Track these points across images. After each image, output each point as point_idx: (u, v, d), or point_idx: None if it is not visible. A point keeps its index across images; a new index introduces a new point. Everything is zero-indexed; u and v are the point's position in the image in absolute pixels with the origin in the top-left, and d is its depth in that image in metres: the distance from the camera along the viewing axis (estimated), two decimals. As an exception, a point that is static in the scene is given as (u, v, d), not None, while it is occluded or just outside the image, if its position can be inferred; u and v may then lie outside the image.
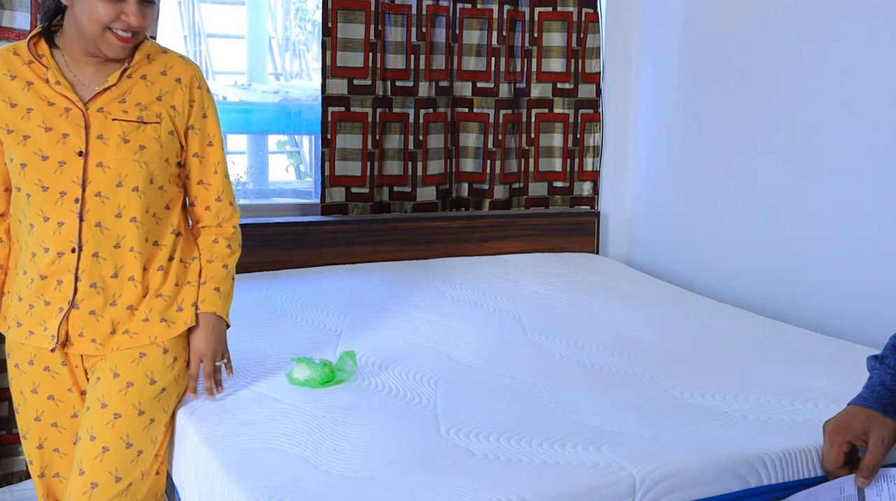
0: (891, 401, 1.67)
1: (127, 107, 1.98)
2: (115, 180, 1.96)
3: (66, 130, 1.94)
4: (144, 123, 1.99)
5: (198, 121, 2.07)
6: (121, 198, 1.97)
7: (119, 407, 1.96)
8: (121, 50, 1.94)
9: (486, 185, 3.57)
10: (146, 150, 1.98)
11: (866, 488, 1.60)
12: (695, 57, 3.42)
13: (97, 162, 1.94)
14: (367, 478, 1.68)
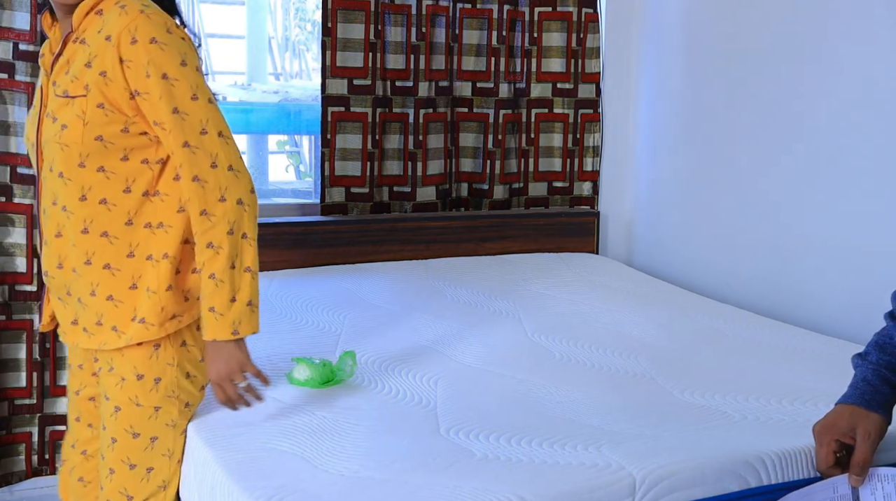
0: (874, 396, 1.68)
1: (66, 79, 1.75)
2: (48, 164, 1.78)
3: (36, 107, 1.84)
4: (70, 97, 1.72)
5: (141, 84, 1.70)
6: (52, 184, 1.78)
7: (114, 431, 1.90)
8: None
9: (485, 185, 3.57)
10: (67, 130, 1.72)
11: (860, 487, 1.60)
12: (695, 57, 3.42)
13: (43, 142, 1.79)
14: (367, 478, 1.68)
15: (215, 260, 1.76)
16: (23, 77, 2.84)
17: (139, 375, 1.87)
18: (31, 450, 3.02)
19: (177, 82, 1.72)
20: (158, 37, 1.70)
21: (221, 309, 1.77)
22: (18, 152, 2.88)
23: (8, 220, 2.90)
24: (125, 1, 1.72)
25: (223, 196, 1.75)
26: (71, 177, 1.75)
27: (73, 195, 1.77)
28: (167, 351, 1.87)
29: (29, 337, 2.97)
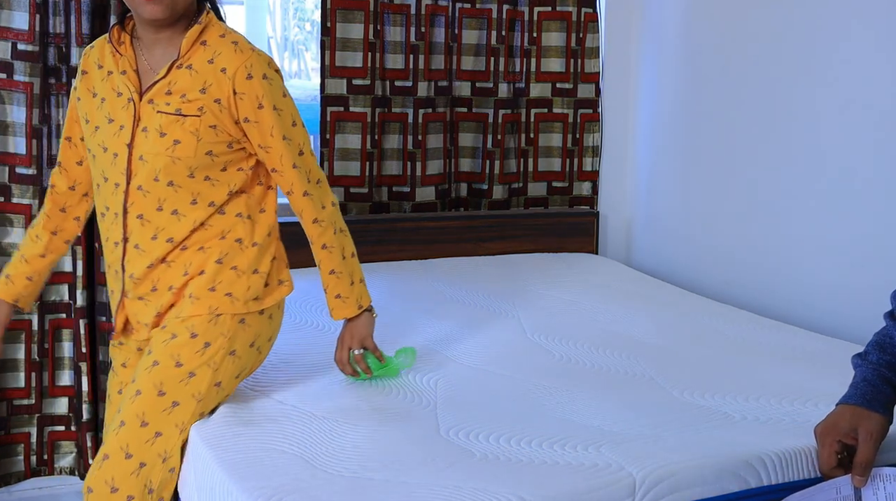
0: (875, 396, 1.68)
1: (171, 98, 1.92)
2: (152, 174, 1.93)
3: (123, 121, 1.95)
4: (183, 116, 1.91)
5: (252, 113, 1.95)
6: (159, 192, 1.94)
7: (142, 384, 1.92)
8: (153, 9, 1.86)
9: (485, 185, 3.57)
10: (180, 145, 1.91)
11: (863, 488, 1.60)
12: (694, 57, 3.42)
13: (139, 154, 1.94)
14: (367, 478, 1.68)
15: (331, 258, 2.09)
16: (22, 77, 2.84)
17: (193, 333, 1.95)
18: (30, 451, 3.02)
19: (282, 112, 1.98)
20: (267, 73, 1.96)
21: (346, 293, 2.12)
22: (17, 152, 2.88)
23: (7, 220, 2.90)
24: (230, 35, 1.97)
25: (324, 204, 2.06)
26: (182, 184, 1.94)
27: (185, 200, 1.96)
28: (225, 322, 1.98)
29: (28, 338, 2.96)
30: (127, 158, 1.94)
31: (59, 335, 3.01)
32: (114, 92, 1.98)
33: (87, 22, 2.88)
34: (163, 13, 1.89)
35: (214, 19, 1.98)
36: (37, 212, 2.89)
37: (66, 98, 2.90)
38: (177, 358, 1.93)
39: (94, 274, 2.97)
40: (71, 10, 2.86)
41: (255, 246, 2.02)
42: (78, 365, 2.98)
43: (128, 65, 1.96)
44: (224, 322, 1.97)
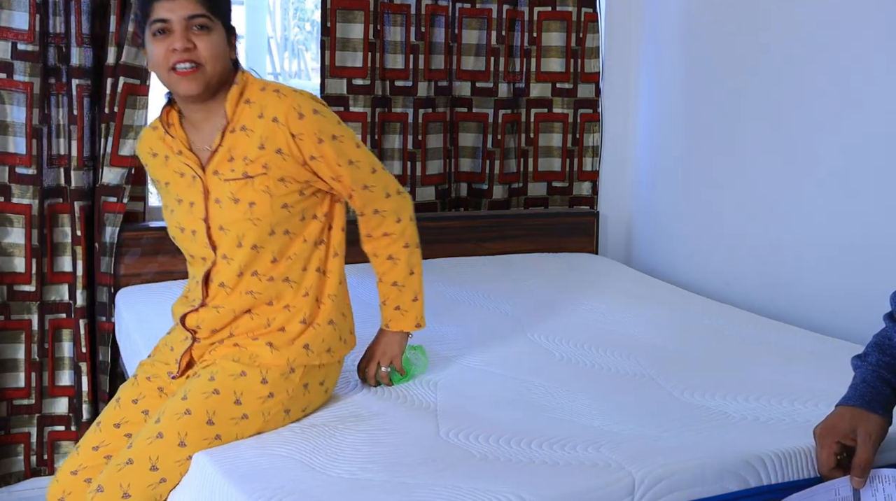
0: (874, 397, 1.68)
1: (235, 164, 1.94)
2: (235, 241, 1.95)
3: (193, 198, 1.98)
4: (250, 177, 1.93)
5: (315, 150, 1.94)
6: (242, 257, 1.96)
7: (194, 405, 1.88)
8: (187, 84, 1.89)
9: (485, 185, 3.56)
10: (256, 206, 1.93)
11: (861, 489, 1.60)
12: (694, 57, 3.42)
13: (218, 225, 1.96)
14: (366, 480, 1.68)
15: (396, 270, 2.11)
16: (21, 77, 2.83)
17: (264, 379, 1.94)
18: (30, 451, 3.02)
19: (342, 138, 1.98)
20: (316, 108, 1.96)
21: (406, 306, 2.14)
22: (17, 152, 2.88)
23: (6, 220, 2.90)
24: (270, 86, 1.97)
25: (399, 218, 2.09)
26: (263, 245, 1.96)
27: (266, 260, 1.98)
28: (293, 381, 1.97)
29: (28, 338, 2.96)
30: (206, 232, 1.97)
31: (59, 335, 3.01)
32: (176, 174, 2.00)
33: (87, 22, 2.88)
34: (198, 88, 1.90)
35: (251, 76, 2.00)
36: (37, 213, 2.90)
37: (66, 98, 2.90)
38: (239, 395, 1.90)
39: (94, 274, 2.97)
40: (71, 10, 2.86)
41: (330, 297, 2.05)
42: (78, 365, 2.98)
43: (181, 144, 1.99)
44: (293, 380, 1.96)
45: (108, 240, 2.96)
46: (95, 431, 2.04)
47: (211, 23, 1.90)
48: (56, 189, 2.95)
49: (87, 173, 2.96)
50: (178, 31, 1.87)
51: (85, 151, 2.94)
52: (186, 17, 1.87)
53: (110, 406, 2.09)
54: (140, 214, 3.10)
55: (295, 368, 1.97)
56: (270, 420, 1.94)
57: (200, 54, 1.88)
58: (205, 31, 1.89)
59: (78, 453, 2.03)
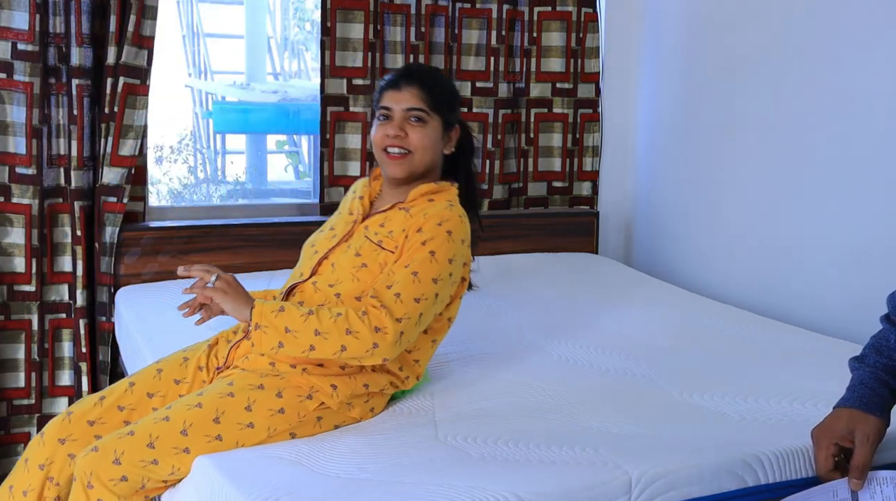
0: (872, 399, 1.68)
1: (381, 230, 2.11)
2: (330, 281, 2.09)
3: (338, 232, 2.18)
4: (381, 248, 2.08)
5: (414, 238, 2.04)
6: (326, 295, 2.08)
7: (206, 401, 1.91)
8: (393, 167, 2.13)
9: (485, 185, 3.56)
10: (366, 270, 2.06)
11: (859, 491, 1.60)
12: (694, 56, 3.42)
13: (332, 261, 2.12)
14: (364, 480, 1.68)
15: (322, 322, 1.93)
16: (21, 77, 2.84)
17: (279, 393, 1.94)
18: (30, 450, 3.02)
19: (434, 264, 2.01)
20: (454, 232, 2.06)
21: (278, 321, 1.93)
22: (17, 152, 2.88)
23: (6, 220, 2.90)
24: (457, 207, 2.13)
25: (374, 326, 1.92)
26: (345, 300, 2.06)
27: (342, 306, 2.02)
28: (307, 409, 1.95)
29: (28, 338, 2.97)
30: (319, 258, 2.14)
31: (59, 335, 3.02)
32: (348, 210, 2.24)
33: (87, 22, 2.88)
34: (402, 173, 2.13)
35: (454, 191, 2.18)
36: (37, 213, 2.90)
37: (66, 98, 2.90)
38: (251, 402, 1.92)
39: (94, 274, 2.97)
40: (71, 10, 2.86)
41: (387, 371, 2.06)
42: (78, 365, 2.98)
43: (367, 192, 2.22)
44: (307, 408, 1.95)
45: (108, 239, 2.96)
46: (97, 405, 2.05)
47: (427, 117, 2.13)
48: (56, 189, 2.95)
49: (87, 173, 2.96)
50: (396, 119, 2.12)
51: (85, 151, 2.94)
52: (405, 109, 2.12)
53: (120, 385, 2.10)
54: (140, 214, 3.10)
55: (313, 396, 1.97)
56: (274, 436, 1.93)
57: (410, 142, 2.12)
58: (420, 123, 2.12)
59: (70, 421, 2.03)
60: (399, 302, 1.96)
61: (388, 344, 1.92)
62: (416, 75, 2.16)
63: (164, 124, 5.48)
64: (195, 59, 6.10)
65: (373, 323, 1.93)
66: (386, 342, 1.92)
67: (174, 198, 5.72)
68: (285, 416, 1.93)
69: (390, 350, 1.93)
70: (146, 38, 2.95)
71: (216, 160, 6.20)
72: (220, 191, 6.00)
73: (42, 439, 2.02)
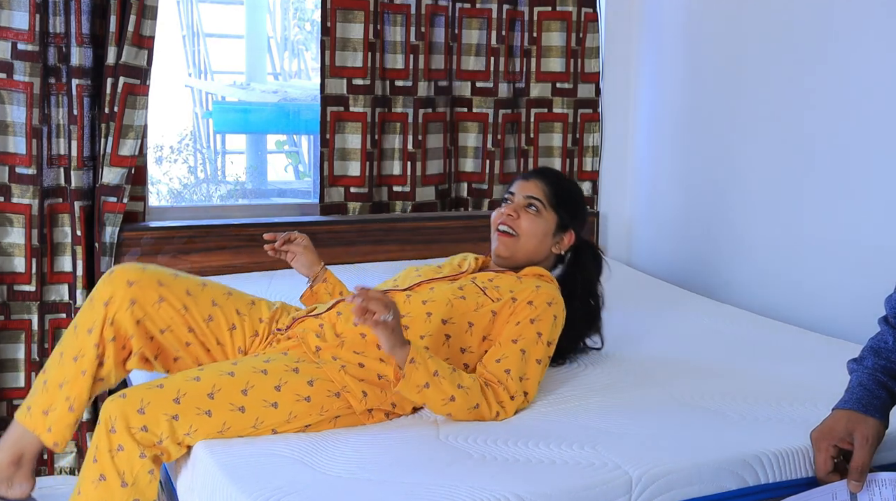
0: (871, 401, 1.68)
1: (489, 283, 2.22)
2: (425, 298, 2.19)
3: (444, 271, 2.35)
4: (484, 294, 2.19)
5: (522, 316, 2.13)
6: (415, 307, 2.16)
7: (242, 371, 1.95)
8: (499, 246, 2.31)
9: (485, 185, 3.57)
10: (462, 301, 2.18)
11: (859, 493, 1.60)
12: (695, 56, 3.42)
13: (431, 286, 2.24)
14: (365, 480, 1.69)
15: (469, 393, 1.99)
16: (21, 77, 2.84)
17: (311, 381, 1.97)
18: (30, 450, 3.02)
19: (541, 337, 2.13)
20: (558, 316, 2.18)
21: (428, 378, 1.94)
22: (17, 152, 2.88)
23: (6, 220, 2.90)
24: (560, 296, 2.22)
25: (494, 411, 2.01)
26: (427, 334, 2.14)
27: None
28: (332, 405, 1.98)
29: (28, 338, 2.97)
30: (421, 281, 2.27)
31: (59, 335, 3.01)
32: (458, 263, 2.41)
33: (87, 22, 2.88)
34: (506, 252, 2.31)
35: (554, 282, 2.30)
36: (36, 213, 2.90)
37: (66, 98, 2.90)
38: (281, 383, 1.95)
39: (94, 274, 2.97)
40: (71, 10, 2.86)
41: None
42: (78, 364, 2.97)
43: (477, 262, 2.38)
44: (331, 404, 1.98)
45: (108, 240, 2.96)
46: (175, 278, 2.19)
47: (543, 209, 2.32)
48: (56, 189, 2.95)
49: (87, 173, 2.96)
50: (515, 203, 2.33)
51: (85, 151, 2.94)
52: (526, 197, 2.32)
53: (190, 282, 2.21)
54: (140, 214, 3.10)
55: (341, 394, 1.99)
56: (291, 425, 1.94)
57: (519, 226, 2.30)
58: (533, 212, 2.31)
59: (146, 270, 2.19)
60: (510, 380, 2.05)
61: (508, 414, 2.03)
62: (548, 174, 2.39)
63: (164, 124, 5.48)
64: (195, 59, 6.10)
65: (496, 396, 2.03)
66: (506, 413, 2.03)
67: (174, 198, 5.72)
68: (309, 405, 1.95)
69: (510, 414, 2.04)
70: (146, 38, 2.94)
71: (216, 160, 6.20)
72: (220, 191, 6.00)
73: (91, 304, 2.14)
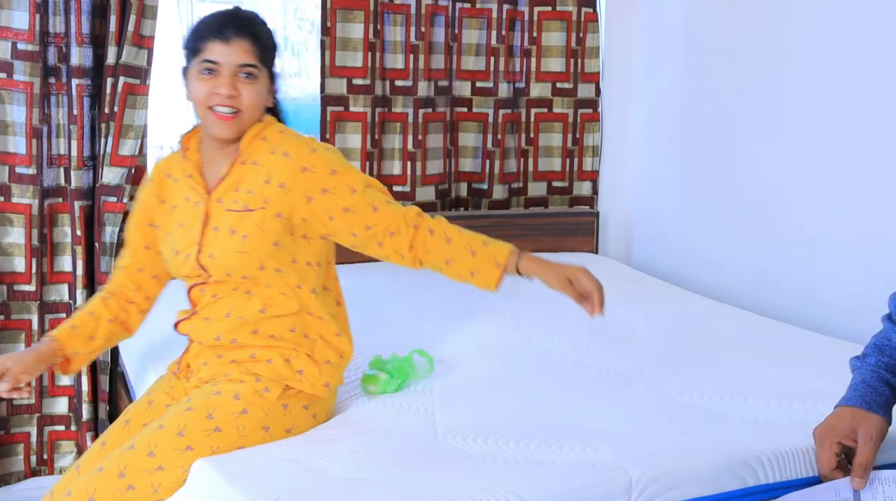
0: (874, 398, 1.68)
1: (238, 195, 1.97)
2: (224, 270, 1.97)
3: (193, 223, 2.00)
4: (250, 211, 1.95)
5: (327, 181, 1.95)
6: (233, 283, 1.98)
7: (167, 421, 1.90)
8: (223, 128, 1.94)
9: (485, 185, 3.57)
10: (249, 239, 1.94)
11: (862, 490, 1.60)
12: (694, 56, 3.42)
13: (209, 253, 1.97)
14: (364, 480, 1.68)
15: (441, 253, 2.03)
16: (21, 77, 2.84)
17: (237, 396, 1.93)
18: (30, 450, 3.03)
19: (351, 170, 2.00)
20: (328, 147, 2.02)
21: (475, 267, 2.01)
22: (17, 152, 2.88)
23: (6, 220, 2.90)
24: (289, 131, 2.02)
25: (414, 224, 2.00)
26: (253, 277, 1.96)
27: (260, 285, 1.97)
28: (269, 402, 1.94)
29: (28, 337, 2.97)
30: (196, 256, 1.98)
31: (59, 335, 3.01)
32: (183, 197, 2.03)
33: (88, 22, 2.88)
34: (232, 133, 1.96)
35: (274, 120, 2.03)
36: (37, 212, 2.90)
37: (66, 98, 2.90)
38: (211, 410, 1.90)
39: (94, 274, 2.97)
40: (71, 9, 2.86)
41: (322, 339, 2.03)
42: (78, 364, 2.98)
43: (193, 167, 2.02)
44: (267, 399, 1.94)
45: (108, 239, 2.96)
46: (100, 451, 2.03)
47: (258, 72, 1.96)
48: (56, 189, 2.95)
49: (87, 173, 2.96)
50: (225, 76, 1.92)
51: (85, 151, 2.94)
52: (237, 65, 1.93)
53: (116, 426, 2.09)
54: (140, 214, 3.10)
55: (270, 388, 1.95)
56: (249, 438, 1.91)
57: (242, 102, 1.94)
58: (250, 80, 1.94)
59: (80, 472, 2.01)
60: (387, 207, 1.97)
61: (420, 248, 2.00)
62: (246, 25, 1.96)
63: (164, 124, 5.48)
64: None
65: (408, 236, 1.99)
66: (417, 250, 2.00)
67: (174, 198, 5.71)
68: (249, 416, 1.91)
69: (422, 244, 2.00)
70: (146, 38, 2.95)
71: (216, 160, 6.19)
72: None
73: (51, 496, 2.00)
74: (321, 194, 1.95)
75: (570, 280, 2.01)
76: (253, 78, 1.94)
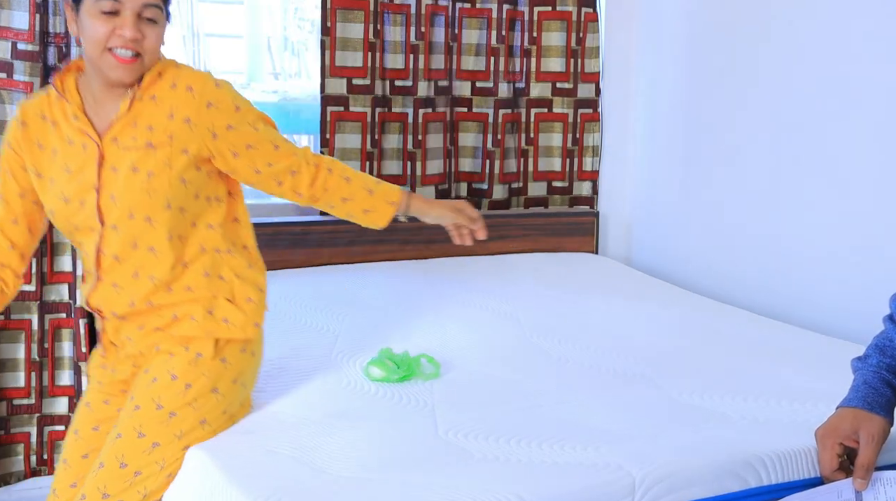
0: (876, 399, 1.68)
1: (137, 132, 1.88)
2: (127, 212, 1.88)
3: (85, 167, 1.89)
4: (153, 147, 1.87)
5: (232, 118, 1.91)
6: (134, 229, 1.89)
7: (122, 428, 1.90)
8: (123, 72, 1.84)
9: (485, 185, 3.56)
10: (154, 177, 1.86)
11: (864, 491, 1.60)
12: (694, 56, 3.42)
13: (109, 194, 1.88)
14: (365, 479, 1.68)
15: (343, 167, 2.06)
16: (22, 77, 2.83)
17: (173, 375, 1.92)
18: (30, 450, 3.02)
19: (251, 108, 1.98)
20: (228, 83, 1.96)
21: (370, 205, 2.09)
22: (17, 152, 2.87)
23: (6, 220, 2.89)
24: (185, 65, 1.95)
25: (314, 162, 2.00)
26: (158, 219, 1.89)
27: (161, 236, 1.91)
28: (205, 363, 1.94)
29: (28, 337, 2.96)
30: (96, 202, 1.89)
31: (59, 335, 3.01)
32: (65, 141, 1.92)
33: (87, 22, 2.88)
34: (132, 78, 1.87)
35: (168, 58, 1.96)
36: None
37: (65, 98, 2.90)
38: (157, 400, 1.90)
39: (93, 273, 2.97)
40: (71, 9, 2.86)
41: (238, 277, 2.00)
42: (78, 364, 2.97)
43: (76, 109, 1.90)
44: (204, 362, 1.94)
45: (107, 239, 2.95)
46: (76, 439, 2.05)
47: (160, 15, 1.87)
48: (56, 189, 2.95)
49: (87, 173, 2.96)
50: (129, 17, 1.81)
51: (85, 151, 2.93)
52: (142, 5, 1.82)
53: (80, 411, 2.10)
54: (140, 214, 3.09)
55: (202, 351, 1.94)
56: (205, 407, 1.92)
57: (145, 46, 1.84)
58: (152, 24, 1.85)
59: (68, 465, 2.04)
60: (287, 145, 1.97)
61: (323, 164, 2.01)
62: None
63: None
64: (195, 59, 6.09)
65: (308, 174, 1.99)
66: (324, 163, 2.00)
67: (174, 197, 5.70)
68: (194, 388, 1.91)
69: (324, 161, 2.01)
70: (146, 38, 2.94)
71: (216, 160, 6.19)
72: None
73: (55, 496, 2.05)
74: (226, 130, 1.91)
75: (458, 208, 2.19)
76: (155, 22, 1.86)
